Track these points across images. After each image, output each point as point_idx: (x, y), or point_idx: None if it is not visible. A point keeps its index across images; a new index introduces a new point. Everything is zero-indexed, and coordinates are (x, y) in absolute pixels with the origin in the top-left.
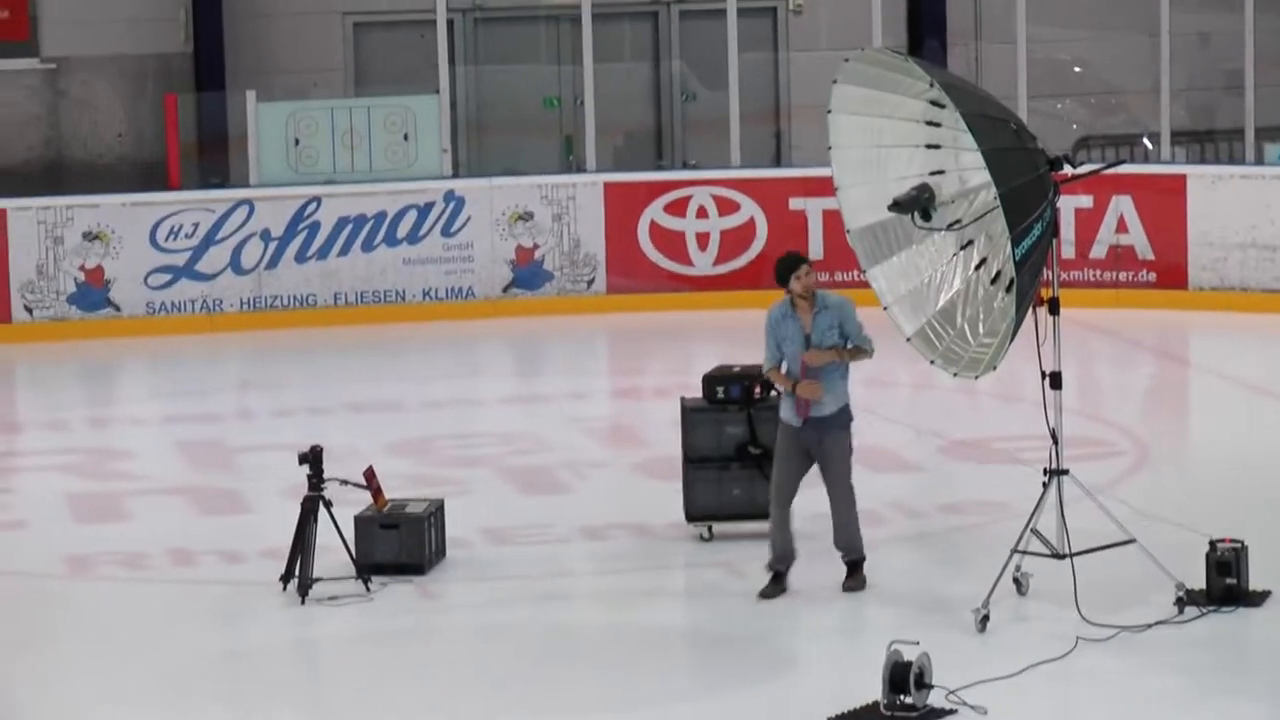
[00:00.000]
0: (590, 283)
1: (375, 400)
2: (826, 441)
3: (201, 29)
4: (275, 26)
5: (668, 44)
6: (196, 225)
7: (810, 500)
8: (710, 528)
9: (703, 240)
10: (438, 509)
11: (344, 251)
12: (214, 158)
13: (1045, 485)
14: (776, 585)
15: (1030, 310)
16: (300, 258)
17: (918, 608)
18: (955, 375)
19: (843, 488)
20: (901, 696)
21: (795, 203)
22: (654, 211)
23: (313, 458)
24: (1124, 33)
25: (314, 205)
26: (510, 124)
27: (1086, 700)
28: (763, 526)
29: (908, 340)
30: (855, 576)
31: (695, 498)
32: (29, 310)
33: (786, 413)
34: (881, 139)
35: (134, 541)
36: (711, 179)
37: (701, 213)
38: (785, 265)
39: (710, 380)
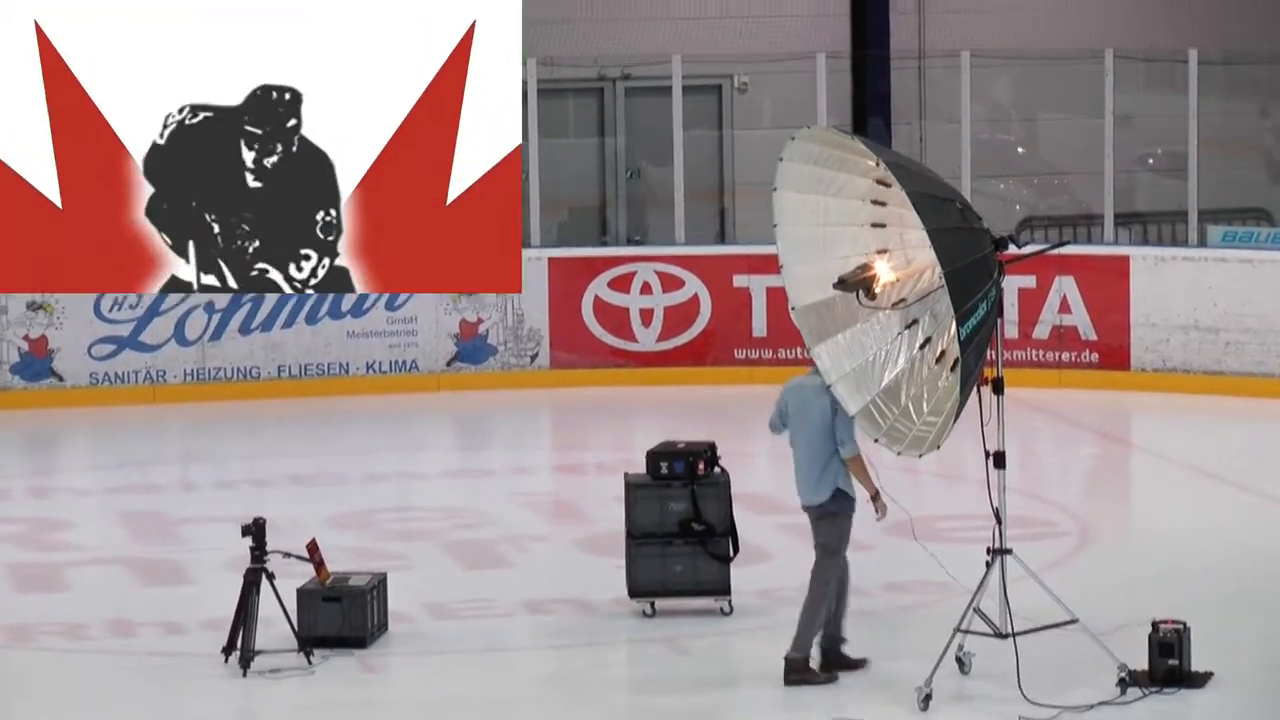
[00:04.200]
0: (534, 357)
1: (318, 473)
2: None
3: None
4: None
5: (613, 120)
6: (140, 296)
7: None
8: (653, 604)
9: (646, 316)
10: (380, 582)
11: (288, 324)
12: None
13: (988, 564)
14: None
15: (974, 390)
16: (244, 330)
17: (860, 685)
18: (899, 454)
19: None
20: None
21: (739, 280)
22: (598, 287)
23: (255, 530)
24: (1067, 114)
25: None
26: None
27: None
28: (704, 603)
29: (851, 418)
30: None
31: (638, 574)
32: None
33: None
34: (827, 217)
35: (74, 612)
36: (656, 255)
37: (645, 289)
38: None
39: (654, 456)
